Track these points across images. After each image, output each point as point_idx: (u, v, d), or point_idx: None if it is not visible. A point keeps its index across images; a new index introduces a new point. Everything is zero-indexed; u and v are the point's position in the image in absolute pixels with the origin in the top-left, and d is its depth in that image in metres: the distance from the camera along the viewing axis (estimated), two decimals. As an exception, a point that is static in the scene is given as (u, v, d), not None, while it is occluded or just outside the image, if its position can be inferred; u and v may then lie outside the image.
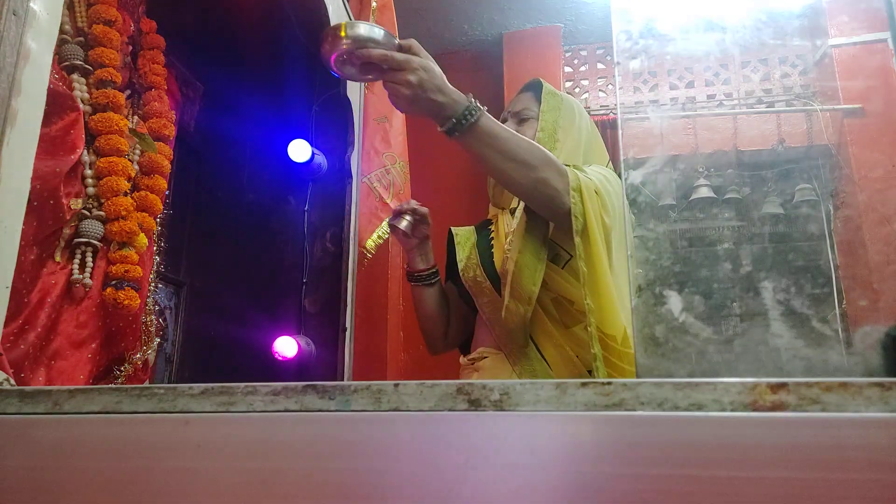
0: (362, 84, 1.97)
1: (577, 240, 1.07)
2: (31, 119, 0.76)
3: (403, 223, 1.34)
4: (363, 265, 1.82)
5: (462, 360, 1.35)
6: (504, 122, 1.36)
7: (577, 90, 3.60)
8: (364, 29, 0.97)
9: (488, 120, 1.04)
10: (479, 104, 1.03)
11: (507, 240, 1.27)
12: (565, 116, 1.32)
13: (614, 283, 1.10)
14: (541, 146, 1.12)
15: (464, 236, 1.41)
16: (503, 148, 1.05)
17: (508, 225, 1.31)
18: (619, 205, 1.20)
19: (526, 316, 1.15)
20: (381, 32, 0.98)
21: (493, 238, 1.35)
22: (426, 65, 0.99)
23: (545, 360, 1.17)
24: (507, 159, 1.05)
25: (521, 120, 1.34)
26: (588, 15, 3.33)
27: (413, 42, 1.02)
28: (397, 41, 1.01)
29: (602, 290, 1.07)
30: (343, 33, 0.96)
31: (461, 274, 1.33)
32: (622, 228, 1.22)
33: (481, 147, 1.05)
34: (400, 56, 0.98)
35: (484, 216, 1.48)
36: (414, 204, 1.37)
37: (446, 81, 1.02)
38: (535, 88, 1.38)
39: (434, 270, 1.39)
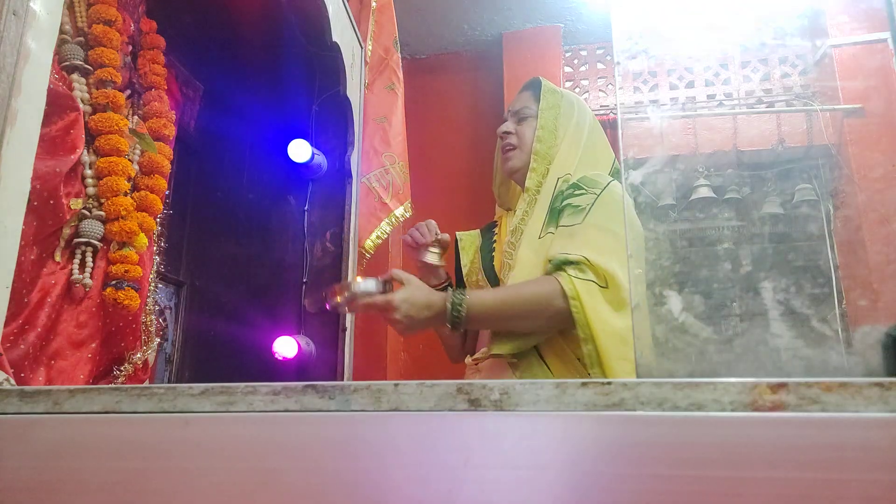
0: (362, 84, 1.97)
1: (587, 347, 1.09)
2: (31, 119, 0.76)
3: (434, 258, 1.35)
4: (363, 265, 1.82)
5: (467, 360, 1.35)
6: (504, 121, 1.36)
7: (577, 90, 3.60)
8: (357, 287, 1.13)
9: (473, 301, 1.10)
10: (460, 294, 1.10)
11: (506, 240, 1.27)
12: (565, 114, 1.32)
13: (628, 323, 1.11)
14: (524, 289, 1.15)
15: (468, 241, 1.41)
16: (498, 315, 1.13)
17: (510, 225, 1.31)
18: (620, 219, 1.19)
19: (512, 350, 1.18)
20: (372, 283, 1.12)
21: (495, 241, 1.35)
22: (406, 296, 1.09)
23: (544, 361, 1.17)
24: (516, 319, 1.13)
25: (520, 119, 1.33)
26: (588, 15, 3.33)
27: (394, 272, 1.13)
28: (385, 282, 1.13)
29: (618, 370, 1.08)
30: (337, 293, 1.13)
31: (465, 278, 1.34)
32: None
33: (486, 325, 1.17)
34: (381, 299, 1.10)
35: (483, 216, 1.48)
36: (434, 228, 1.37)
37: (429, 293, 1.11)
38: (534, 87, 1.37)
39: (447, 284, 1.39)
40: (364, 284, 1.12)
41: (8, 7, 0.71)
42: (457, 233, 1.44)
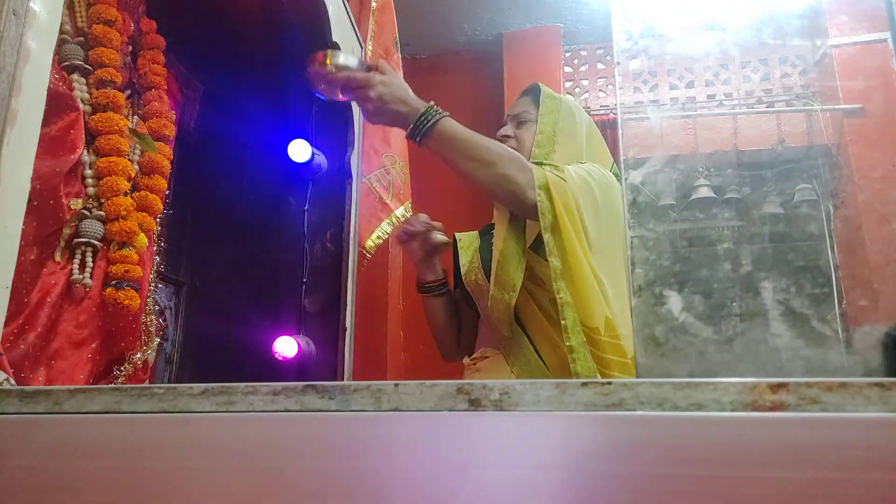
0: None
1: (546, 236, 1.10)
2: (31, 119, 0.76)
3: (441, 237, 1.37)
4: (363, 265, 1.82)
5: (466, 360, 1.35)
6: (503, 126, 1.37)
7: (577, 90, 3.60)
8: (340, 58, 1.11)
9: (448, 123, 1.10)
10: (439, 109, 1.10)
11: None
12: (564, 119, 1.33)
13: (603, 274, 1.11)
14: (502, 145, 1.16)
15: (467, 241, 1.42)
16: (463, 148, 1.12)
17: None
18: (610, 199, 1.21)
19: (510, 303, 1.17)
20: (355, 60, 1.11)
21: (494, 243, 1.35)
22: (385, 80, 1.08)
23: (542, 359, 1.17)
24: (468, 158, 1.12)
25: (519, 123, 1.34)
26: (588, 15, 3.33)
27: (380, 62, 1.12)
28: (366, 63, 1.12)
29: (579, 284, 1.09)
30: (321, 60, 1.10)
31: (464, 278, 1.34)
32: (616, 220, 1.22)
33: (443, 149, 1.13)
34: (360, 75, 1.08)
35: (483, 217, 1.48)
36: (425, 218, 1.38)
37: (409, 92, 1.10)
38: (533, 92, 1.38)
39: (443, 280, 1.40)
40: (346, 57, 1.11)
41: (8, 7, 0.71)
42: (455, 234, 1.44)
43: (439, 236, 1.38)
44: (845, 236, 3.16)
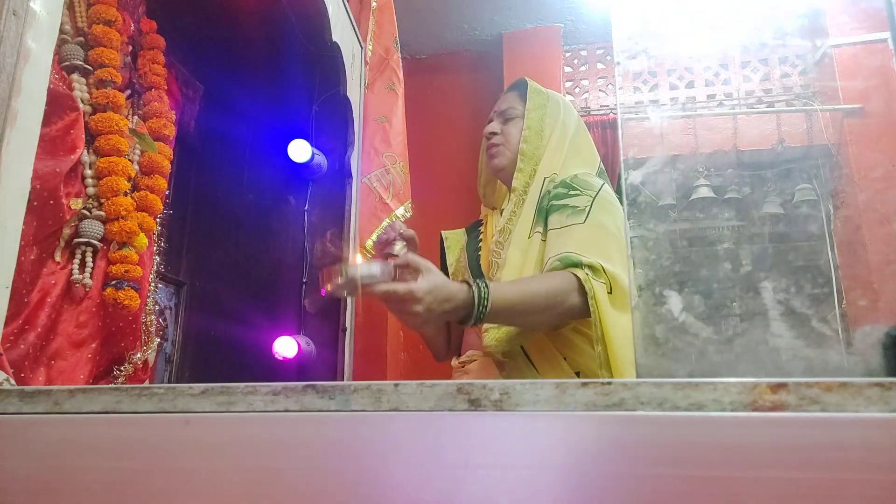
0: (362, 84, 1.97)
1: (598, 348, 1.07)
2: (31, 119, 0.76)
3: (397, 247, 1.33)
4: (363, 265, 1.82)
5: (454, 362, 1.34)
6: (490, 122, 1.36)
7: (577, 90, 3.60)
8: (363, 269, 0.97)
9: (496, 296, 1.01)
10: (483, 286, 1.00)
11: (493, 240, 1.27)
12: (551, 114, 1.32)
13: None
14: (544, 278, 1.11)
15: (454, 240, 1.41)
16: (524, 309, 1.06)
17: (497, 224, 1.31)
18: (616, 220, 1.19)
19: (504, 341, 1.17)
20: (377, 268, 0.97)
21: (481, 240, 1.35)
22: (430, 288, 0.95)
23: (531, 362, 1.17)
24: (530, 315, 1.08)
25: (506, 119, 1.33)
26: (588, 15, 3.33)
27: (410, 258, 1.00)
28: (392, 267, 0.99)
29: (623, 370, 1.07)
30: (342, 274, 0.96)
31: (451, 276, 1.33)
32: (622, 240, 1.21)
33: (505, 319, 1.09)
34: (402, 289, 0.95)
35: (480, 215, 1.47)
36: (400, 227, 1.35)
37: (449, 285, 0.99)
38: (520, 87, 1.37)
39: None
40: (367, 268, 0.97)
41: (8, 7, 0.71)
42: (442, 231, 1.43)
43: (396, 248, 1.33)
44: (845, 236, 3.16)
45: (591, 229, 1.14)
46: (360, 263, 1.00)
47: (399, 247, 1.32)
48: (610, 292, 1.09)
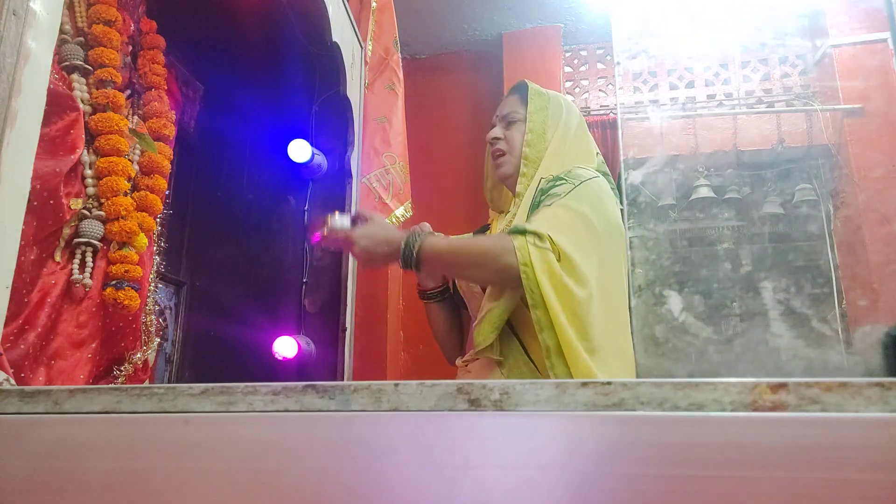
0: (362, 84, 1.97)
1: (534, 314, 1.09)
2: (31, 119, 0.76)
3: None
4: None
5: (458, 361, 1.35)
6: (493, 127, 1.36)
7: (577, 90, 3.60)
8: (334, 222, 1.21)
9: (429, 245, 1.14)
10: (417, 234, 1.15)
11: None
12: (553, 115, 1.32)
13: (604, 306, 1.11)
14: (482, 238, 1.20)
15: None
16: (452, 260, 1.18)
17: (501, 228, 1.31)
18: (608, 218, 1.19)
19: (491, 338, 1.18)
20: (347, 219, 1.21)
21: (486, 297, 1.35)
22: (365, 232, 1.17)
23: (532, 360, 1.17)
24: (462, 267, 1.19)
25: (508, 123, 1.33)
26: (588, 15, 3.33)
27: (359, 211, 1.26)
28: (357, 217, 1.22)
29: (571, 359, 1.08)
30: (321, 226, 1.22)
31: (456, 282, 1.34)
32: (614, 233, 1.21)
33: (440, 267, 1.22)
34: (343, 235, 1.18)
35: (483, 216, 1.48)
36: (428, 229, 1.37)
37: (389, 230, 1.18)
38: (521, 90, 1.37)
39: (444, 287, 1.39)
40: (338, 220, 1.21)
41: (8, 7, 0.71)
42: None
43: None
44: (845, 236, 3.16)
45: (557, 209, 1.16)
46: (337, 216, 1.23)
47: None
48: (559, 260, 1.10)
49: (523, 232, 1.11)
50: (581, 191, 1.19)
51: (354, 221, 1.22)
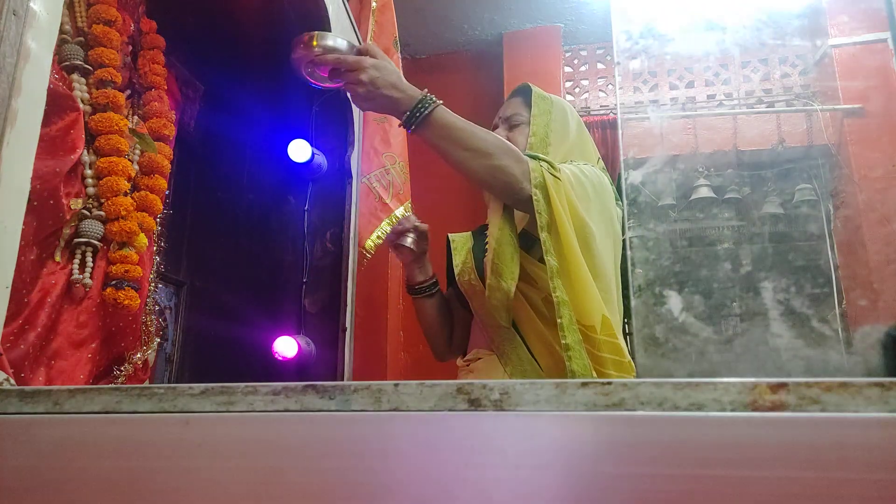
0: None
1: (542, 234, 1.09)
2: (31, 119, 0.76)
3: (409, 240, 1.37)
4: (363, 265, 1.82)
5: (459, 361, 1.35)
6: (495, 128, 1.36)
7: (577, 90, 3.60)
8: (329, 39, 1.06)
9: (443, 111, 1.07)
10: (434, 98, 1.07)
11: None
12: (556, 119, 1.32)
13: (596, 272, 1.11)
14: (497, 136, 1.14)
15: (460, 242, 1.42)
16: (458, 137, 1.08)
17: None
18: (603, 199, 1.20)
19: (509, 291, 1.16)
20: (344, 43, 1.06)
21: (487, 242, 1.35)
22: (378, 63, 1.04)
23: (535, 359, 1.17)
24: (462, 148, 1.08)
25: (511, 126, 1.33)
26: (588, 15, 3.33)
27: (370, 45, 1.08)
28: (353, 46, 1.07)
29: (576, 282, 1.07)
30: (307, 42, 1.06)
31: (457, 278, 1.34)
32: (608, 222, 1.22)
33: (437, 138, 1.09)
34: (352, 58, 1.04)
35: (483, 216, 1.48)
36: (414, 221, 1.38)
37: (402, 78, 1.07)
38: (524, 93, 1.37)
39: (433, 281, 1.40)
40: (334, 39, 1.06)
41: (8, 7, 0.71)
42: (448, 234, 1.44)
43: (406, 240, 1.38)
44: (845, 236, 3.16)
45: (566, 170, 1.16)
46: (328, 34, 1.07)
47: (410, 240, 1.35)
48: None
49: (535, 157, 1.12)
50: (583, 168, 1.21)
51: (354, 48, 1.07)
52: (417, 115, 1.06)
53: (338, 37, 1.07)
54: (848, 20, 3.18)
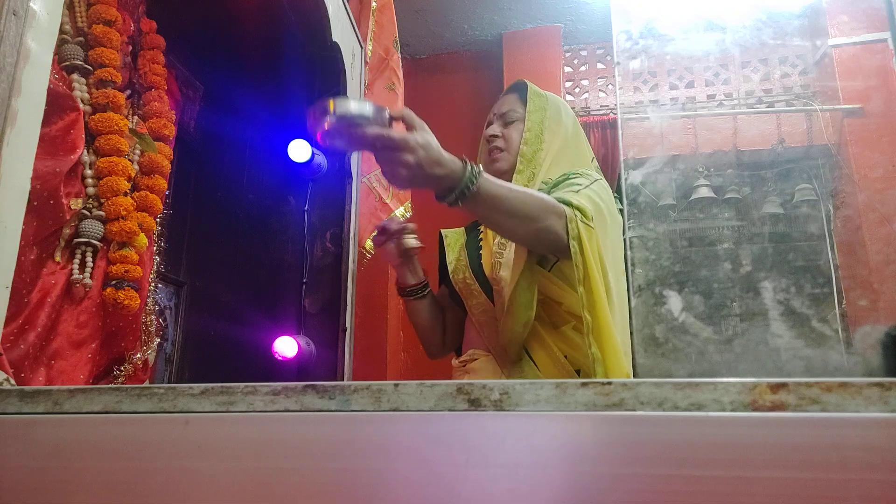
0: (362, 84, 1.97)
1: (580, 289, 1.07)
2: (31, 119, 0.76)
3: (413, 241, 1.34)
4: (363, 265, 1.82)
5: (454, 361, 1.35)
6: (489, 124, 1.36)
7: (577, 90, 3.60)
8: (354, 106, 0.92)
9: (487, 183, 1.01)
10: (474, 167, 1.00)
11: (495, 241, 1.27)
12: (551, 116, 1.32)
13: (613, 307, 1.11)
14: (535, 193, 1.10)
15: (453, 238, 1.41)
16: (504, 207, 1.03)
17: None
18: (614, 215, 1.20)
19: (522, 335, 1.16)
20: (371, 108, 0.92)
21: (481, 239, 1.35)
22: (424, 142, 0.94)
23: (533, 361, 1.17)
24: (509, 217, 1.05)
25: (506, 122, 1.33)
26: (588, 15, 3.33)
27: (406, 112, 0.97)
28: (388, 113, 0.94)
29: (606, 341, 1.06)
30: (332, 110, 0.90)
31: (451, 276, 1.33)
32: (616, 239, 1.22)
33: (484, 210, 1.05)
34: (397, 136, 0.92)
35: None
36: (400, 222, 1.36)
37: (442, 151, 0.97)
38: (520, 90, 1.37)
39: (424, 283, 1.38)
40: (359, 106, 0.90)
41: (8, 7, 0.71)
42: (441, 230, 1.43)
43: (411, 240, 1.34)
44: (845, 236, 3.16)
45: (583, 198, 1.14)
46: (351, 100, 0.92)
47: (411, 240, 1.33)
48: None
49: (568, 204, 1.09)
50: (599, 189, 1.20)
51: (384, 115, 0.92)
52: (467, 193, 0.99)
53: (362, 102, 0.92)
54: (848, 20, 3.18)
